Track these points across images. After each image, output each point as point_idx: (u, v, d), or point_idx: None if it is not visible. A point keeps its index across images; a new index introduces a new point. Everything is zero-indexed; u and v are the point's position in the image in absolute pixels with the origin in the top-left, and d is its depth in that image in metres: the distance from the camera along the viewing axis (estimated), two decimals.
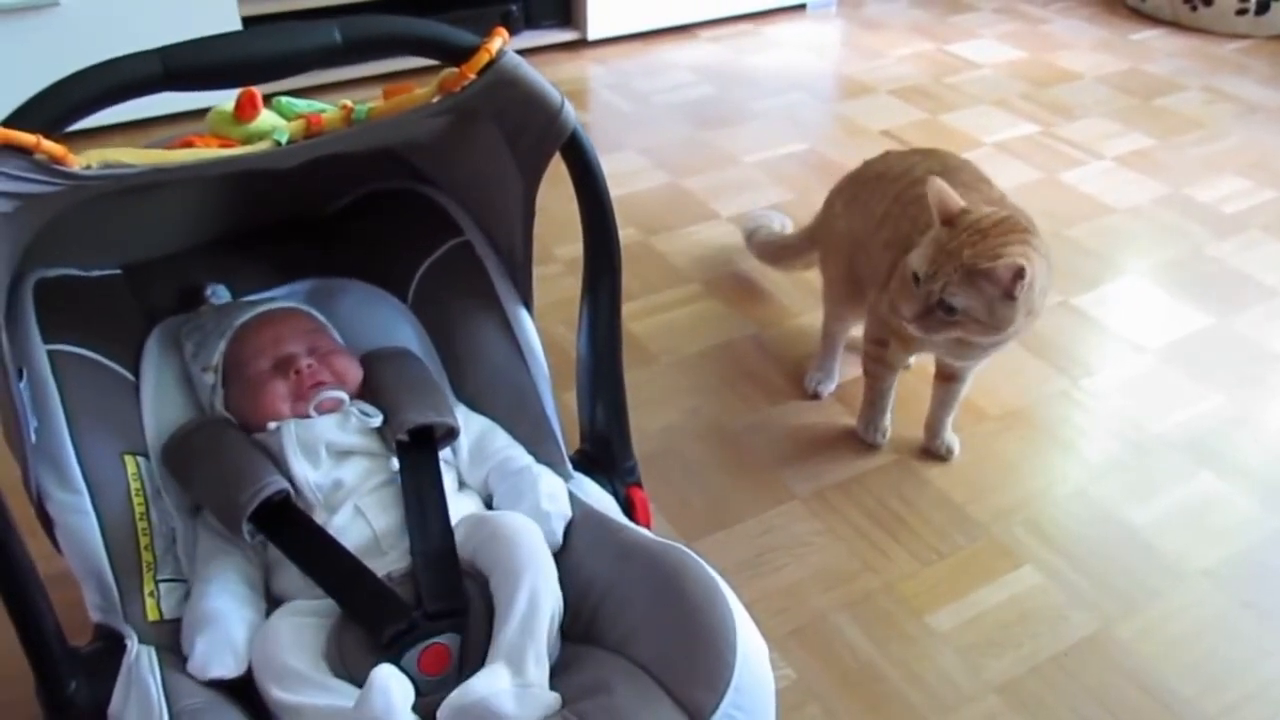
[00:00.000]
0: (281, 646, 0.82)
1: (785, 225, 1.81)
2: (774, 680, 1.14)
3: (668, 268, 1.87)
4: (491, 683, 0.77)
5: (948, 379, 1.44)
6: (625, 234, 1.94)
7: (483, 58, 0.81)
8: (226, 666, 0.82)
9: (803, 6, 3.05)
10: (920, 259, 1.19)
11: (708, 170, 2.19)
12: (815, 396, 1.57)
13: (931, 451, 1.48)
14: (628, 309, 1.73)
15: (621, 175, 2.15)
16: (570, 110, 0.87)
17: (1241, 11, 2.96)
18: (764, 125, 2.39)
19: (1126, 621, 1.25)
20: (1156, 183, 2.20)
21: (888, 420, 1.48)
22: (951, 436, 1.48)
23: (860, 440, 1.49)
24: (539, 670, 0.80)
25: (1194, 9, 3.01)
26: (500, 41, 0.82)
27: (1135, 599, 1.27)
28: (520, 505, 0.93)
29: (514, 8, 2.60)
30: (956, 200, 1.19)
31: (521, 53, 2.73)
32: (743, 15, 2.96)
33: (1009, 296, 1.15)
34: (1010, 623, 1.24)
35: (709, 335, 1.70)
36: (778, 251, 1.76)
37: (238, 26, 2.17)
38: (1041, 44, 2.91)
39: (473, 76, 0.82)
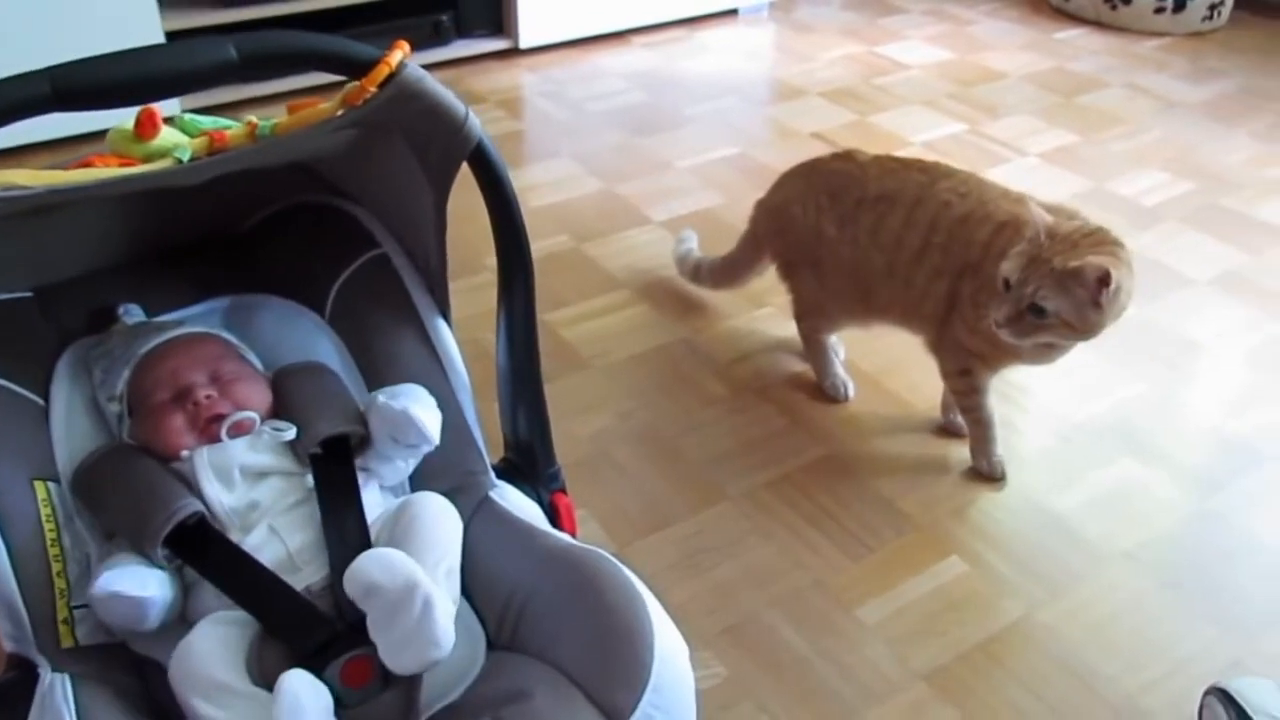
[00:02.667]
0: (203, 659, 0.81)
1: (694, 241, 1.81)
2: (705, 679, 1.16)
3: (600, 274, 1.88)
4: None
5: None
6: (557, 241, 1.96)
7: (382, 71, 0.81)
8: (136, 589, 0.83)
9: (735, 11, 3.08)
10: (1012, 267, 1.23)
11: (640, 176, 2.20)
12: (846, 399, 1.59)
13: (953, 430, 1.53)
14: (560, 316, 1.75)
15: (554, 183, 2.16)
16: (475, 121, 0.87)
17: (1159, 10, 3.05)
18: (696, 130, 2.41)
19: (1051, 606, 1.28)
20: (1079, 177, 2.25)
21: (1000, 445, 1.47)
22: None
23: (979, 471, 1.47)
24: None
25: (1114, 8, 3.08)
26: (400, 55, 0.83)
27: (1059, 583, 1.31)
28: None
29: (445, 18, 2.60)
30: (1047, 217, 1.23)
31: (453, 62, 2.72)
32: (676, 21, 2.98)
33: (1096, 301, 1.20)
34: (938, 612, 1.26)
35: (641, 340, 1.71)
36: (729, 273, 1.72)
37: (161, 41, 2.15)
38: (968, 45, 2.96)
39: (373, 90, 0.82)
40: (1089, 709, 1.15)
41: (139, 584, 0.84)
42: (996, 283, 1.26)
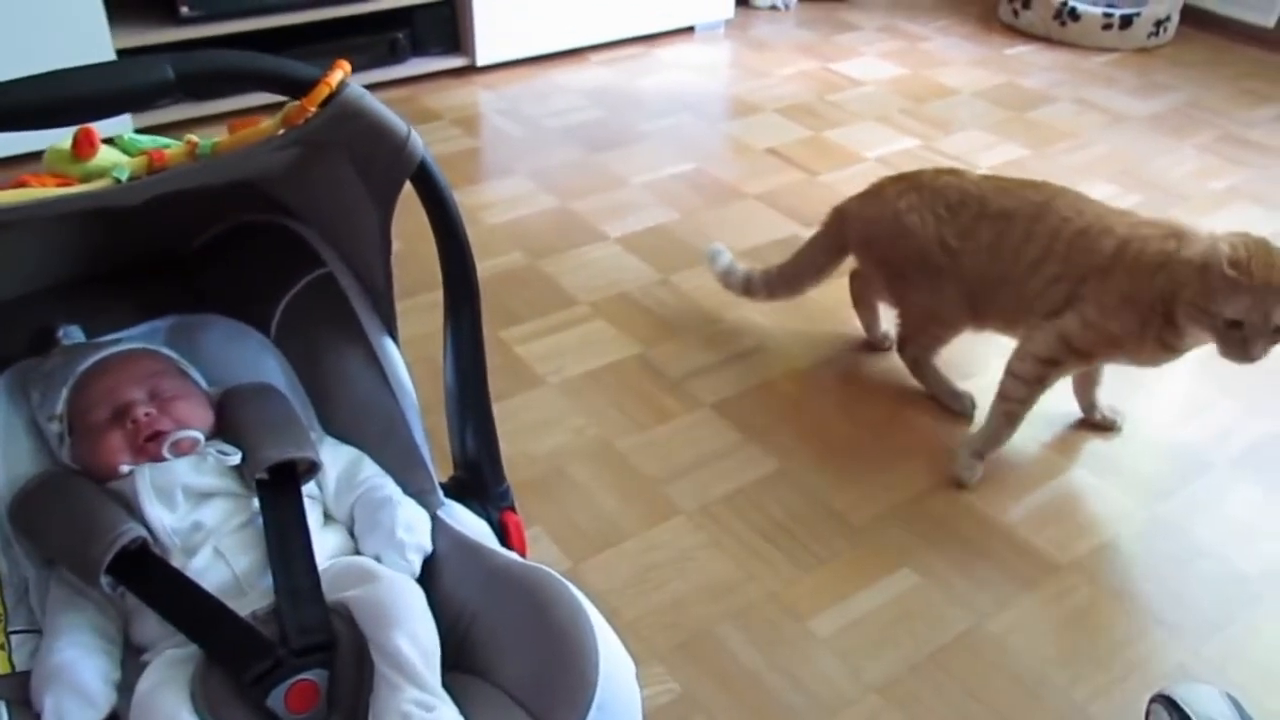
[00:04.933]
0: (154, 703, 0.80)
1: (728, 253, 1.78)
2: (659, 695, 1.17)
3: (555, 290, 1.88)
4: None
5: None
6: (512, 258, 1.96)
7: (322, 91, 0.81)
8: (84, 718, 0.80)
9: (691, 29, 3.10)
10: (1238, 307, 1.26)
11: (596, 192, 2.21)
12: (969, 415, 1.62)
13: (1106, 425, 1.61)
14: (515, 333, 1.75)
15: (510, 200, 2.16)
16: (417, 140, 0.87)
17: (1107, 26, 3.11)
18: (652, 146, 2.43)
19: (1001, 615, 1.29)
20: None
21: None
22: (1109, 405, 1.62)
23: (957, 469, 1.50)
24: (448, 707, 0.81)
25: (1063, 24, 3.14)
26: (341, 74, 0.82)
27: (1009, 593, 1.32)
28: (376, 533, 0.93)
29: (401, 35, 2.59)
30: (1223, 246, 1.28)
31: (410, 80, 2.71)
32: (632, 38, 2.99)
33: None
34: (890, 623, 1.27)
35: (596, 356, 1.71)
36: (795, 281, 1.72)
37: (111, 58, 2.13)
38: (921, 61, 3.00)
39: (314, 109, 0.82)
40: (1040, 716, 1.17)
41: (82, 701, 0.81)
42: (1211, 322, 1.29)
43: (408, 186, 0.90)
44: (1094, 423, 1.62)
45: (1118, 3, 3.21)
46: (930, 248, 1.54)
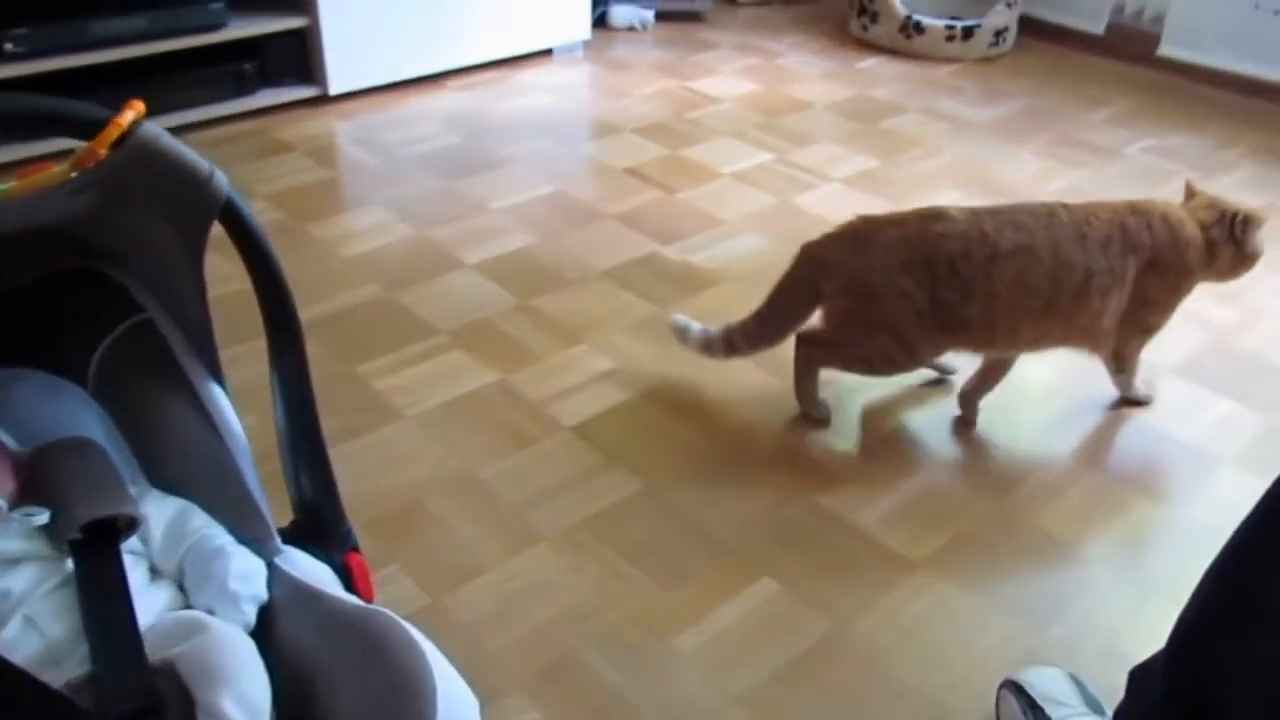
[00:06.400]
0: None
1: (696, 326, 1.70)
2: None
3: (413, 321, 1.85)
4: None
5: (1004, 363, 1.68)
6: (368, 290, 1.92)
7: (112, 132, 0.79)
8: None
9: (550, 51, 3.11)
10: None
11: (454, 220, 2.19)
12: (828, 420, 1.68)
13: (966, 422, 1.69)
14: (371, 367, 1.72)
15: (366, 231, 2.12)
16: (221, 179, 0.85)
17: (950, 38, 3.25)
18: (511, 171, 2.42)
19: (860, 617, 1.32)
20: (880, 199, 2.36)
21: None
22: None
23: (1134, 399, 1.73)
24: None
25: (909, 37, 3.27)
26: (133, 115, 0.80)
27: (867, 595, 1.35)
28: (208, 586, 0.89)
29: (249, 66, 2.53)
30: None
31: (260, 112, 2.63)
32: (490, 63, 2.99)
33: None
34: (751, 634, 1.28)
35: (455, 385, 1.69)
36: (776, 331, 1.66)
37: None
38: (776, 77, 3.08)
39: (104, 152, 0.79)
40: (899, 713, 1.19)
41: None
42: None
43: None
44: (964, 418, 1.67)
45: (960, 15, 3.35)
46: (919, 313, 1.53)
